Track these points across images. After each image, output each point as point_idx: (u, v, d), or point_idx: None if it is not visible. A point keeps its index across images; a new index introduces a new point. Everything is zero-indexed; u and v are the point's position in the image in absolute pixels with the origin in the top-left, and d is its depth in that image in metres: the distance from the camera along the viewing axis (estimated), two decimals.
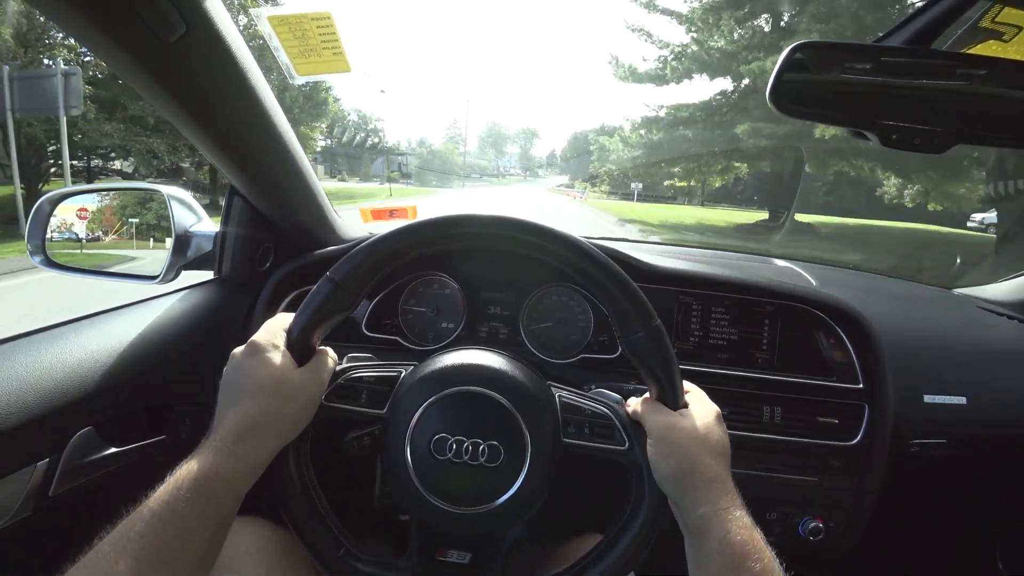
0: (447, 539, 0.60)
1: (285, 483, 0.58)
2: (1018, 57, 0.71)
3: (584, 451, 0.60)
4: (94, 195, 1.04)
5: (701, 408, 0.60)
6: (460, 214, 0.61)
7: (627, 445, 0.59)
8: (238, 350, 0.57)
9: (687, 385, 0.63)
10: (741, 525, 0.51)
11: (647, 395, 0.62)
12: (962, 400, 1.01)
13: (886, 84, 0.65)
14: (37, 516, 0.65)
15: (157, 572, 0.43)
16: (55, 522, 0.67)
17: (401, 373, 0.63)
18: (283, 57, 0.72)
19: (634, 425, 0.60)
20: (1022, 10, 0.65)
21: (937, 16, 0.62)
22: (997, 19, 0.68)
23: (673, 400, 0.59)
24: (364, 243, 0.59)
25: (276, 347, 0.56)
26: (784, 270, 1.28)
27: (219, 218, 0.96)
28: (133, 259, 1.03)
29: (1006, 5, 0.64)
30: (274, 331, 0.59)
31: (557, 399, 0.62)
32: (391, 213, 1.14)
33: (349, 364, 0.64)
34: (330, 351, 0.62)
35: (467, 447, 0.57)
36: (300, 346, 0.58)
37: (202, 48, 0.58)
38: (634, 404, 0.62)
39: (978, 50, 0.71)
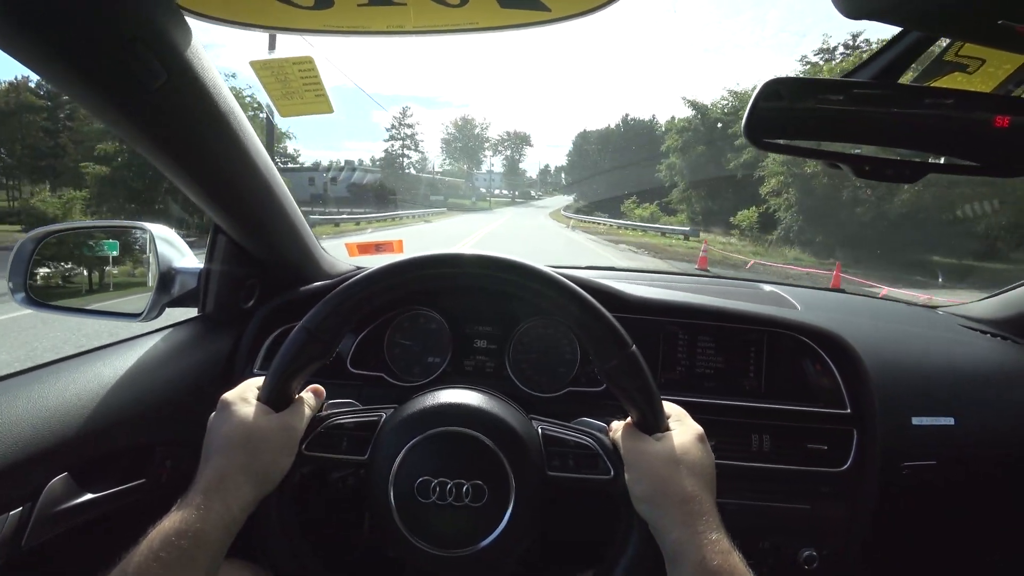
0: None
1: (267, 531, 0.57)
2: (983, 88, 0.73)
3: (569, 483, 0.59)
4: (77, 233, 1.03)
5: (680, 429, 0.60)
6: (431, 254, 0.61)
7: (612, 474, 0.58)
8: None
9: (669, 407, 0.63)
10: (717, 550, 0.50)
11: (628, 421, 0.61)
12: (950, 421, 1.01)
13: (858, 114, 0.66)
14: (8, 570, 0.63)
15: None
16: (28, 575, 0.65)
17: (382, 417, 0.62)
18: (267, 99, 0.73)
19: (618, 453, 0.60)
20: (985, 46, 0.67)
21: (901, 52, 0.64)
22: (960, 53, 0.71)
23: (652, 424, 0.59)
24: (335, 290, 0.60)
25: (245, 400, 0.58)
26: (770, 295, 1.29)
27: (204, 254, 0.95)
28: (116, 296, 1.03)
29: (967, 41, 0.66)
30: (247, 386, 0.60)
31: (539, 432, 0.61)
32: (377, 247, 1.14)
33: (329, 412, 0.63)
34: (308, 399, 0.62)
35: (451, 488, 0.56)
36: (275, 397, 0.58)
37: (183, 94, 0.59)
38: (615, 431, 0.62)
39: (944, 82, 0.73)
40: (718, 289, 1.31)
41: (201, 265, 0.95)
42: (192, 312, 0.97)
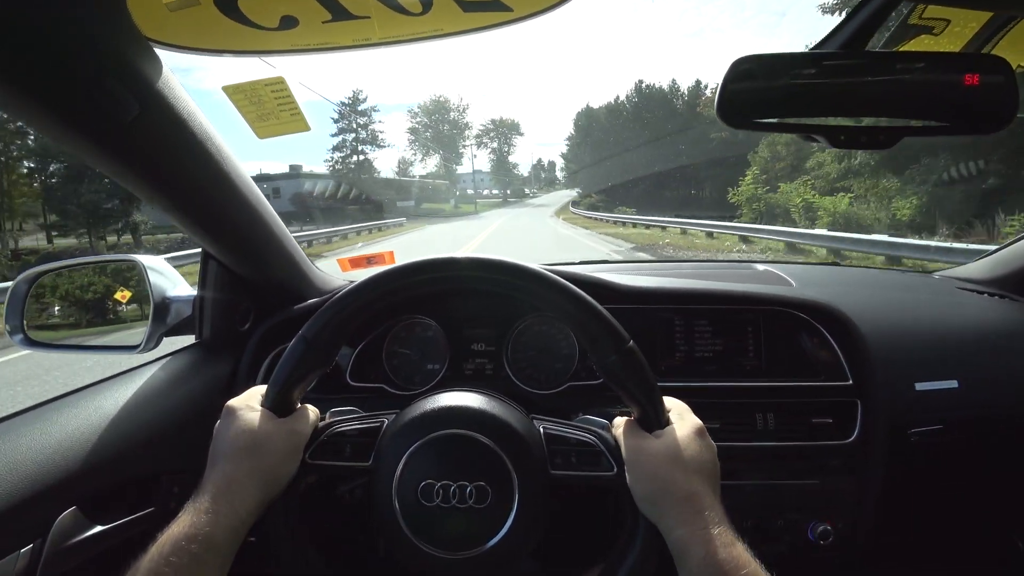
0: None
1: (275, 538, 0.57)
2: (951, 48, 0.74)
3: (573, 481, 0.59)
4: (71, 269, 1.04)
5: (680, 425, 0.59)
6: (425, 259, 0.62)
7: (615, 471, 0.58)
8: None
9: (670, 402, 0.62)
10: (721, 543, 0.50)
11: (628, 418, 0.61)
12: (954, 384, 1.01)
13: (830, 86, 0.67)
14: None
15: None
16: None
17: (384, 423, 0.62)
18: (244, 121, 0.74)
19: (620, 450, 0.60)
20: (945, 6, 0.67)
21: (866, 19, 0.64)
22: (925, 15, 0.71)
23: (652, 420, 0.59)
24: (331, 299, 0.60)
25: (251, 407, 0.58)
26: (764, 274, 1.29)
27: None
28: (113, 330, 1.03)
29: (928, 4, 0.67)
30: (251, 394, 0.61)
31: (541, 431, 0.61)
32: (369, 261, 1.15)
33: (331, 420, 0.64)
34: (311, 408, 0.62)
35: (454, 491, 0.56)
36: (278, 404, 0.59)
37: (158, 125, 0.60)
38: (617, 428, 0.62)
39: (912, 46, 0.74)
40: (712, 272, 1.32)
41: (195, 292, 0.96)
42: (190, 340, 0.98)
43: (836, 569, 0.98)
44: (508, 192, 77.07)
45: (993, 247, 1.34)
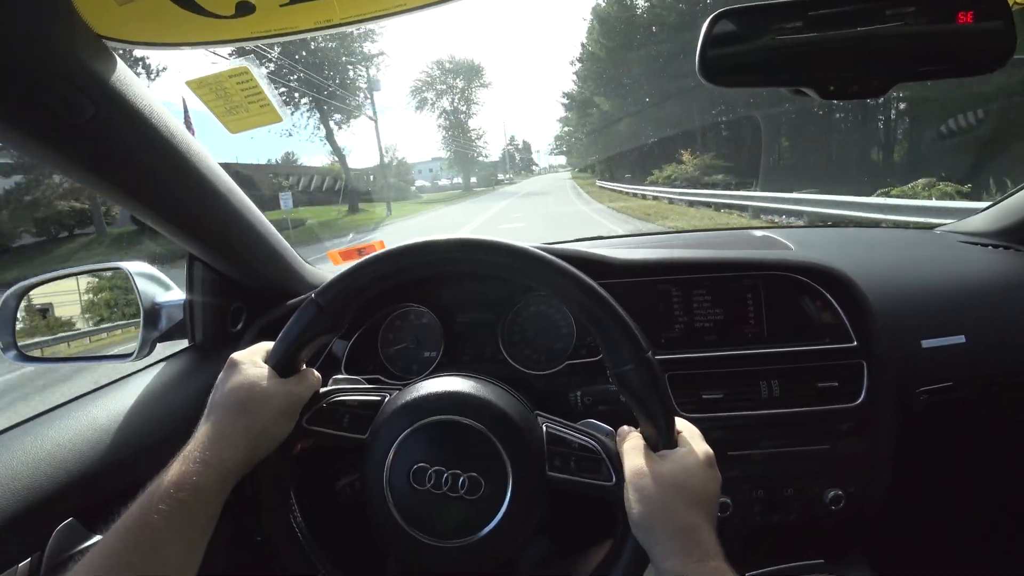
0: (426, 573, 0.59)
1: (262, 501, 0.57)
2: None
3: (568, 486, 0.57)
4: (58, 281, 1.03)
5: (687, 451, 0.56)
6: (443, 238, 0.60)
7: (613, 481, 0.56)
8: None
9: (682, 424, 0.59)
10: None
11: (635, 429, 0.59)
12: (961, 339, 0.99)
13: (819, 39, 0.64)
14: None
15: None
16: None
17: (385, 398, 0.61)
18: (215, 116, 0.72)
19: (621, 462, 0.58)
20: None
21: None
22: None
23: (662, 439, 0.56)
24: (349, 267, 0.59)
25: (255, 363, 0.58)
26: (762, 239, 1.27)
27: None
28: (106, 340, 1.03)
29: None
30: (256, 349, 0.61)
31: (544, 431, 0.60)
32: (359, 252, 1.13)
33: (332, 387, 0.63)
34: (314, 372, 0.62)
35: (446, 478, 0.55)
36: (282, 365, 0.58)
37: (117, 125, 0.58)
38: (621, 440, 0.59)
39: None
40: (709, 240, 1.29)
41: (184, 296, 0.94)
42: (184, 344, 0.97)
43: (849, 535, 0.97)
44: (473, 179, 56.56)
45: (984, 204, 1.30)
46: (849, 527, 0.95)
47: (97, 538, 0.68)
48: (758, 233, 1.33)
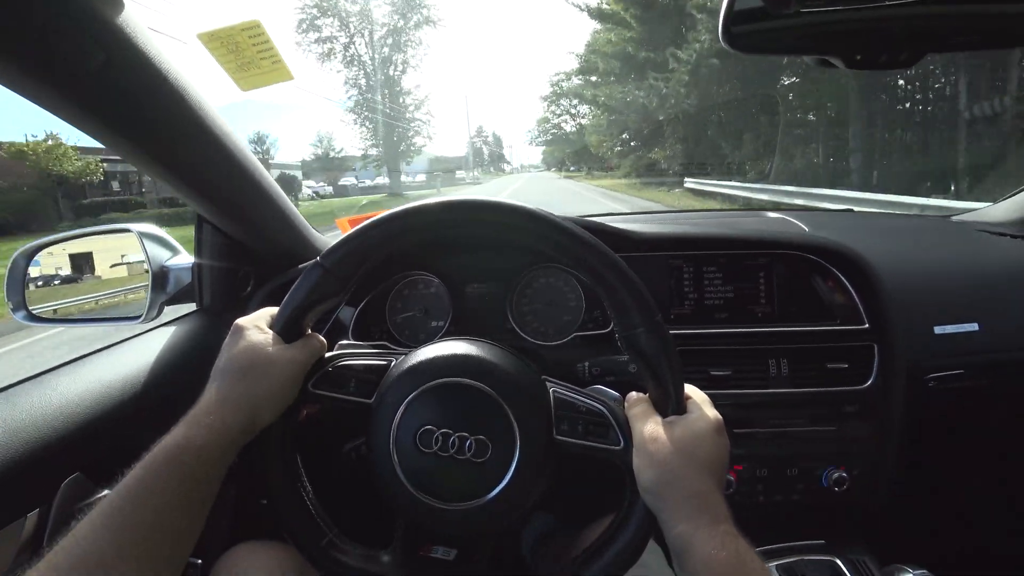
0: (433, 535, 0.58)
1: (267, 466, 0.57)
2: None
3: (577, 449, 0.57)
4: (66, 243, 1.03)
5: (697, 417, 0.55)
6: (455, 199, 0.59)
7: (622, 445, 0.56)
8: None
9: (691, 390, 0.59)
10: (724, 542, 0.47)
11: (644, 395, 0.58)
12: (974, 327, 0.98)
13: (848, 12, 0.62)
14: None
15: (137, 548, 0.44)
16: None
17: (391, 362, 0.61)
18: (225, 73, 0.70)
19: (630, 427, 0.57)
20: None
21: None
22: None
23: (671, 404, 0.55)
24: (354, 229, 0.58)
25: (258, 327, 0.57)
26: (776, 221, 1.25)
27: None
28: (115, 301, 1.03)
29: None
30: (261, 314, 0.60)
31: (551, 395, 0.59)
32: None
33: (338, 352, 0.62)
34: (319, 336, 0.61)
35: (453, 441, 0.54)
36: (286, 329, 0.58)
37: (127, 74, 0.57)
38: (630, 405, 0.58)
39: None
40: (722, 221, 1.28)
41: (192, 260, 0.94)
42: (192, 307, 0.97)
43: (851, 517, 0.97)
44: (411, 178, 40.46)
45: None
46: (851, 509, 0.95)
47: (104, 493, 0.69)
48: (772, 215, 1.31)
